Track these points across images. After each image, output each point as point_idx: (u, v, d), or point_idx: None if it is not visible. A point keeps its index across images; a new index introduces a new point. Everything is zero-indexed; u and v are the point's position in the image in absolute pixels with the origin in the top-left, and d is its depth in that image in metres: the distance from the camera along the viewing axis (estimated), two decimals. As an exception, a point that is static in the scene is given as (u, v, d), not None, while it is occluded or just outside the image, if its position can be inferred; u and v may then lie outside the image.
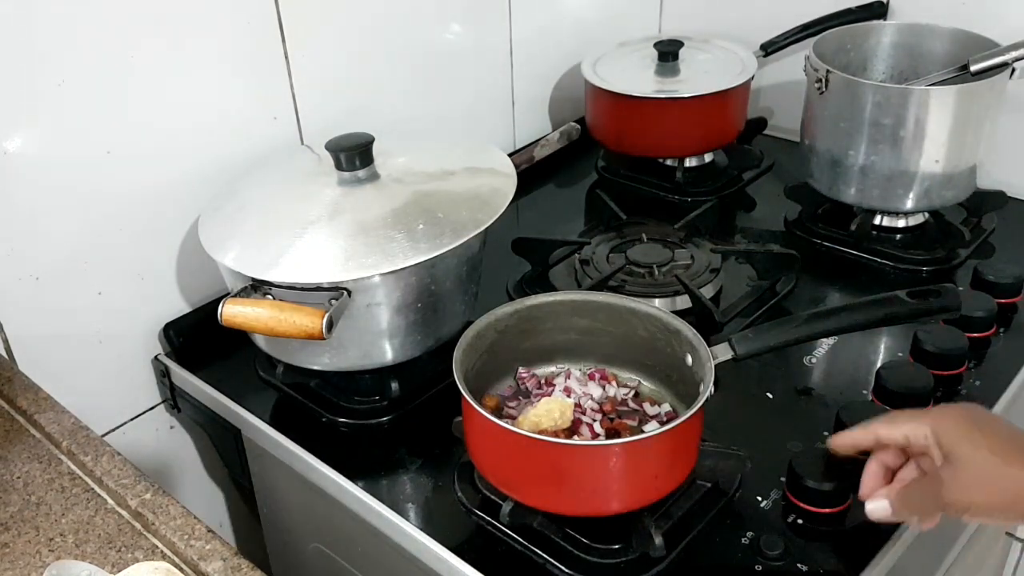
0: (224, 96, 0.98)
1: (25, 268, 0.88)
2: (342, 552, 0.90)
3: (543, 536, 0.74)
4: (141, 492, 0.71)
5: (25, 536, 0.68)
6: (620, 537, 0.73)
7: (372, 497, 0.81)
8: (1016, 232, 1.14)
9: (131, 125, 0.91)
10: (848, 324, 0.76)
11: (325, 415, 0.90)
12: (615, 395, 0.83)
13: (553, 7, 1.34)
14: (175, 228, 0.99)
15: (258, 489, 0.99)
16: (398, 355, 0.88)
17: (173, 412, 1.04)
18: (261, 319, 0.77)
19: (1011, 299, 0.99)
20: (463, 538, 0.76)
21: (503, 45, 1.29)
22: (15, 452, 0.76)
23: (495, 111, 1.33)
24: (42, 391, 0.82)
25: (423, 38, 1.17)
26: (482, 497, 0.78)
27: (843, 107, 1.07)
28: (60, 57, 0.84)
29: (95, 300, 0.94)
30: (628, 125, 1.26)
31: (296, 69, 1.03)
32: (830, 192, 1.13)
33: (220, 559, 0.65)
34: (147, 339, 1.00)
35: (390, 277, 0.82)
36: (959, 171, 1.07)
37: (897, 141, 1.05)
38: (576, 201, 1.21)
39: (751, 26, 1.36)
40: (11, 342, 0.89)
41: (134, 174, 0.93)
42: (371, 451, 0.87)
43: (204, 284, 1.02)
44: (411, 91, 1.18)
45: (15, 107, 0.83)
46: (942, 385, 0.88)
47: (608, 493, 0.71)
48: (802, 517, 0.76)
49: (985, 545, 1.10)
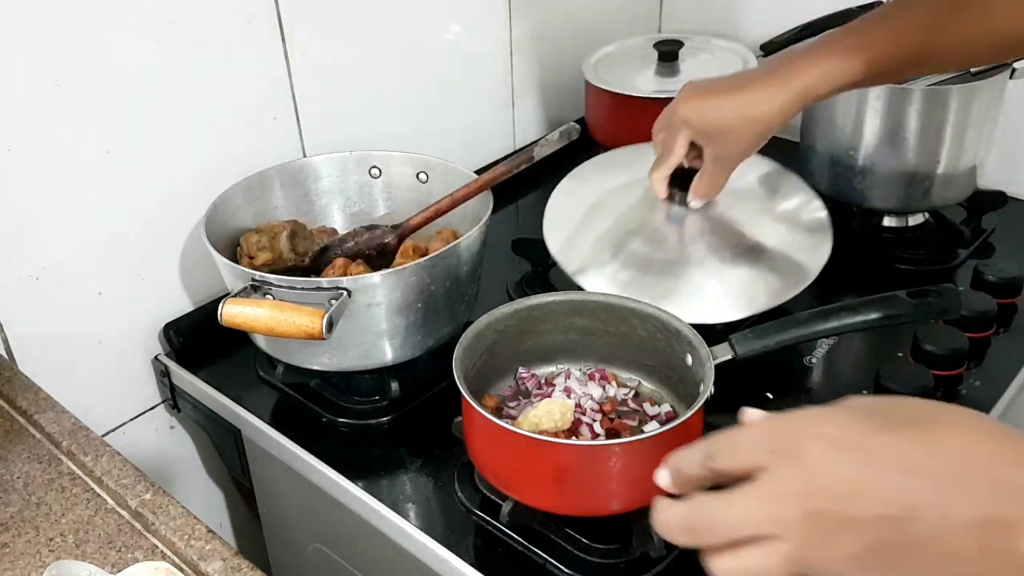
0: (224, 96, 0.98)
1: (25, 268, 0.88)
2: (342, 552, 0.90)
3: (543, 536, 0.74)
4: (141, 492, 0.71)
5: (25, 536, 0.68)
6: (620, 537, 0.73)
7: (372, 497, 0.81)
8: (1016, 232, 1.14)
9: (131, 125, 0.91)
10: (848, 324, 0.76)
11: (325, 415, 0.90)
12: (615, 395, 0.83)
13: (553, 7, 1.34)
14: (175, 228, 0.99)
15: (258, 489, 0.99)
16: (398, 355, 0.88)
17: (173, 412, 1.04)
18: (261, 319, 0.77)
19: (1011, 299, 0.99)
20: (463, 538, 0.76)
21: (503, 45, 1.29)
22: (15, 452, 0.76)
23: (495, 111, 1.33)
24: (42, 391, 0.82)
25: (423, 38, 1.17)
26: (482, 497, 0.78)
27: (843, 107, 1.07)
28: (60, 56, 0.84)
29: (95, 300, 0.94)
30: (628, 125, 1.25)
31: (296, 69, 1.03)
32: (830, 192, 1.13)
33: (220, 559, 0.65)
34: (147, 339, 1.00)
35: (390, 277, 0.83)
36: (959, 171, 1.07)
37: (897, 141, 1.05)
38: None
39: (751, 26, 1.36)
40: (11, 342, 0.89)
41: (134, 174, 0.93)
42: (371, 451, 0.87)
43: (204, 284, 1.02)
44: (411, 91, 1.18)
45: (15, 107, 0.83)
46: (942, 385, 0.88)
47: (608, 493, 0.71)
48: (802, 517, 0.76)
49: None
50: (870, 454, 0.41)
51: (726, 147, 0.88)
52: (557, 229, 0.99)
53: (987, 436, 0.41)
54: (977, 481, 0.39)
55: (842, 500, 0.40)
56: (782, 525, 0.41)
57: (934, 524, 0.39)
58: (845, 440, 0.42)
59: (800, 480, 0.41)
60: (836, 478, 0.41)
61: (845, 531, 0.40)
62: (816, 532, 0.41)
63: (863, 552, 0.40)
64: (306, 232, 0.98)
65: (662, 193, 0.95)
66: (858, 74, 0.81)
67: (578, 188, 1.05)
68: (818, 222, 0.98)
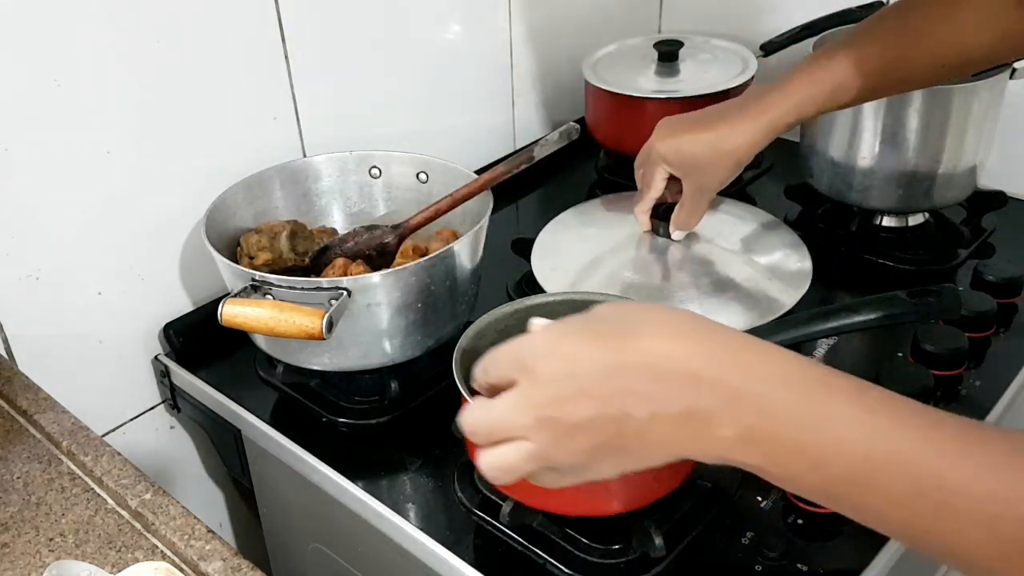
0: (224, 96, 0.98)
1: (25, 268, 0.88)
2: (342, 552, 0.90)
3: (543, 536, 0.74)
4: (141, 492, 0.71)
5: (25, 536, 0.68)
6: (620, 537, 0.73)
7: (372, 497, 0.81)
8: (1016, 232, 1.14)
9: (131, 125, 0.91)
10: (848, 324, 0.76)
11: (325, 415, 0.90)
12: (615, 395, 0.83)
13: (553, 7, 1.34)
14: (175, 228, 0.99)
15: (258, 489, 0.99)
16: (398, 355, 0.88)
17: (173, 412, 1.04)
18: (261, 319, 0.77)
19: (1011, 299, 0.99)
20: (463, 538, 0.76)
21: (503, 45, 1.29)
22: (15, 452, 0.76)
23: (495, 111, 1.33)
24: (42, 391, 0.82)
25: (423, 38, 1.17)
26: (482, 497, 0.78)
27: (843, 107, 1.07)
28: (60, 56, 0.84)
29: (95, 300, 0.94)
30: (628, 125, 1.26)
31: (296, 69, 1.03)
32: (830, 192, 1.13)
33: (220, 559, 0.65)
34: (147, 339, 1.00)
35: (390, 277, 0.83)
36: (959, 171, 1.07)
37: (897, 141, 1.05)
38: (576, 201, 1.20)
39: (751, 26, 1.36)
40: (11, 342, 0.89)
41: (134, 174, 0.93)
42: (371, 451, 0.87)
43: (204, 284, 1.02)
44: (410, 91, 1.18)
45: (15, 107, 0.83)
46: (942, 385, 0.88)
47: (608, 493, 0.71)
48: (802, 517, 0.76)
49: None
50: (585, 364, 0.48)
51: (702, 180, 0.94)
52: (545, 258, 1.01)
53: (679, 336, 0.48)
54: (675, 380, 0.46)
55: (565, 408, 0.48)
56: (524, 429, 0.49)
57: (644, 421, 0.47)
58: (567, 355, 0.49)
59: (535, 392, 0.49)
60: (559, 389, 0.48)
61: (572, 433, 0.48)
62: (549, 435, 0.49)
63: (593, 447, 0.48)
64: (306, 232, 0.98)
65: (645, 226, 1.02)
66: (824, 103, 0.87)
67: (568, 223, 1.08)
68: (800, 270, 0.97)
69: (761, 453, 0.46)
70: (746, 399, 0.46)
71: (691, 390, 0.46)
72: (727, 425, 0.46)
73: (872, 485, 0.43)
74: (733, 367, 0.47)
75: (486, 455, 0.51)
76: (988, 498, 0.41)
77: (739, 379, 0.46)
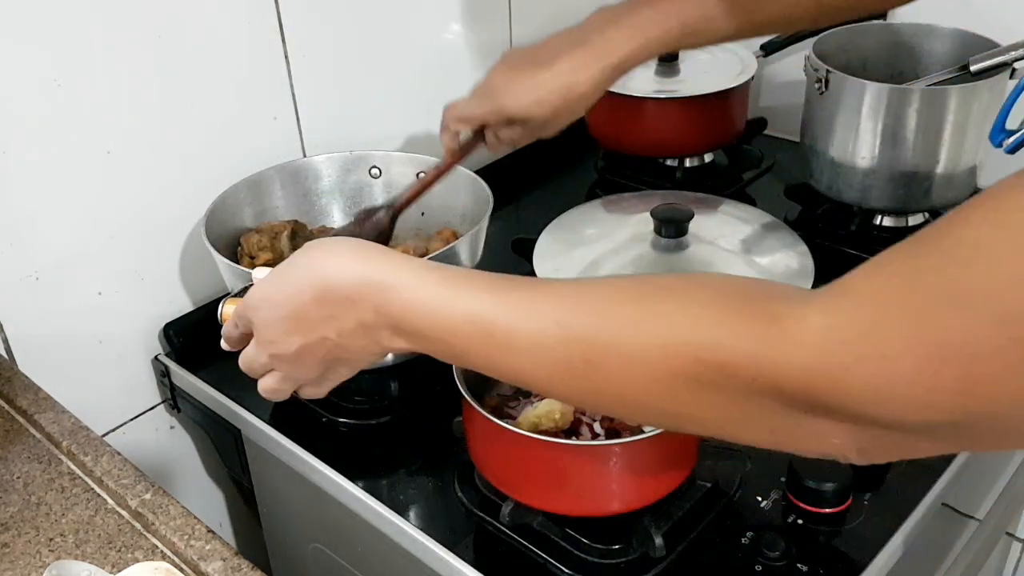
0: (224, 96, 0.98)
1: (25, 268, 0.88)
2: (342, 552, 0.90)
3: (543, 536, 0.74)
4: (141, 492, 0.71)
5: (25, 536, 0.68)
6: (620, 537, 0.73)
7: (372, 497, 0.81)
8: (1016, 232, 1.14)
9: (131, 125, 0.91)
10: (848, 324, 0.76)
11: (325, 415, 0.90)
12: (615, 395, 0.83)
13: (553, 7, 1.34)
14: (175, 228, 0.99)
15: (258, 489, 0.99)
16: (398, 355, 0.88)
17: (173, 412, 1.04)
18: (261, 319, 0.77)
19: (1011, 299, 0.99)
20: (463, 538, 0.76)
21: (503, 45, 1.29)
22: (15, 452, 0.76)
23: (495, 111, 1.32)
24: (42, 391, 0.82)
25: (423, 37, 1.17)
26: (482, 497, 0.78)
27: (843, 107, 1.07)
28: (60, 56, 0.84)
29: (95, 300, 0.94)
30: (628, 125, 1.26)
31: (296, 69, 1.03)
32: (830, 192, 1.13)
33: (220, 559, 0.65)
34: (147, 339, 1.00)
35: (390, 277, 0.82)
36: (959, 171, 1.07)
37: (897, 141, 1.05)
38: (576, 201, 1.20)
39: (751, 26, 1.35)
40: (11, 342, 0.89)
41: (134, 174, 0.93)
42: (371, 451, 0.87)
43: (204, 284, 1.02)
44: (410, 90, 1.18)
45: (15, 107, 0.83)
46: (942, 385, 0.88)
47: (608, 493, 0.71)
48: (802, 517, 0.76)
49: (985, 545, 1.10)
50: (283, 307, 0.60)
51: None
52: (547, 259, 1.00)
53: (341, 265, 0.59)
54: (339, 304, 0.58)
55: (281, 345, 0.61)
56: (268, 364, 0.63)
57: (338, 337, 0.59)
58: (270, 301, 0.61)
59: (259, 337, 0.63)
60: (271, 333, 0.61)
61: (297, 359, 0.61)
62: (284, 363, 0.62)
63: (319, 362, 0.61)
64: (306, 232, 0.98)
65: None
66: (672, 41, 0.84)
67: (569, 224, 1.07)
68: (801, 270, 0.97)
69: (412, 342, 0.57)
70: (389, 306, 0.57)
71: (352, 309, 0.58)
72: (383, 328, 0.57)
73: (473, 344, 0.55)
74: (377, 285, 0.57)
75: (259, 385, 0.65)
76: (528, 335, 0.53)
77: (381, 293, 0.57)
